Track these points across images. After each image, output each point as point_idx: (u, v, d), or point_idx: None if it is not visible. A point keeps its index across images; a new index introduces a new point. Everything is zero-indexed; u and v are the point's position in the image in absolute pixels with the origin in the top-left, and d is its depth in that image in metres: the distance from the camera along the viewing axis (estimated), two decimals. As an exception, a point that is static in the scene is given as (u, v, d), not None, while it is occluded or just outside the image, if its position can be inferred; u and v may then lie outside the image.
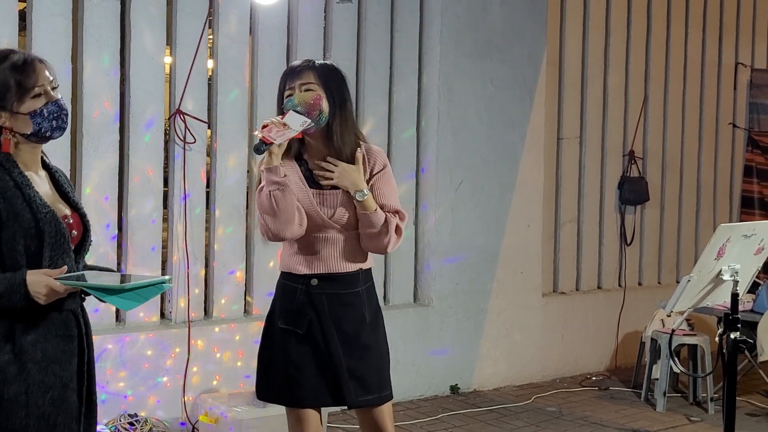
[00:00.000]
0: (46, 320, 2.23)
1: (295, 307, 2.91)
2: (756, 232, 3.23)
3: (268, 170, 2.79)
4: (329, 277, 2.92)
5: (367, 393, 2.93)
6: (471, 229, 5.64)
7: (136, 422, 4.39)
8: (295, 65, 2.98)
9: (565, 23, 6.24)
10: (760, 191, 7.30)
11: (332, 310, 2.91)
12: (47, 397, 2.23)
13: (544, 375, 6.06)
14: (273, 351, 2.95)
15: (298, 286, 2.92)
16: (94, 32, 4.42)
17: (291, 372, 2.89)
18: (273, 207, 2.78)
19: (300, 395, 2.90)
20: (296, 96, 2.87)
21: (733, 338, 3.17)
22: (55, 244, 2.23)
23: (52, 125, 2.32)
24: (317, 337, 2.90)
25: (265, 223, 2.82)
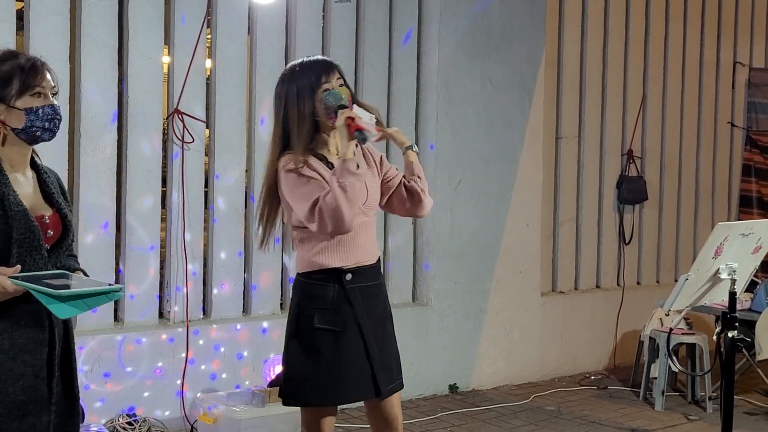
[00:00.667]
0: (14, 311, 2.24)
1: (330, 305, 2.90)
2: (754, 231, 3.23)
3: (348, 161, 2.79)
4: (360, 271, 2.94)
5: (391, 381, 3.00)
6: (470, 228, 5.64)
7: (135, 422, 4.40)
8: (323, 61, 2.97)
9: (563, 23, 6.24)
10: (758, 190, 7.30)
11: (365, 303, 2.95)
12: (18, 385, 2.24)
13: (543, 374, 6.06)
14: (309, 353, 2.91)
15: (329, 284, 2.91)
16: (92, 32, 4.42)
17: (331, 371, 2.89)
18: (351, 197, 2.76)
19: (342, 393, 2.93)
20: (340, 90, 2.89)
21: (731, 337, 3.17)
22: (23, 242, 2.25)
23: (44, 126, 2.34)
24: (354, 332, 2.92)
25: (338, 213, 2.75)
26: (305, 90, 2.88)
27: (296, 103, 2.88)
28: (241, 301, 4.96)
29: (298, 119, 2.88)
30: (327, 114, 2.88)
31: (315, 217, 2.78)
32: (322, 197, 2.78)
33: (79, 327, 4.45)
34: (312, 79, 2.88)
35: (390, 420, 3.05)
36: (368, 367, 2.93)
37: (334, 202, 2.75)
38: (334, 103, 2.86)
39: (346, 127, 2.81)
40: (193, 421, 4.59)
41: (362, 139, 2.81)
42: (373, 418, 3.08)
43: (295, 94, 2.89)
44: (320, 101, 2.87)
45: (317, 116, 2.89)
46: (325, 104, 2.87)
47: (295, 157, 2.85)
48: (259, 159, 4.98)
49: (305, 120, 2.88)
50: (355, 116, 2.84)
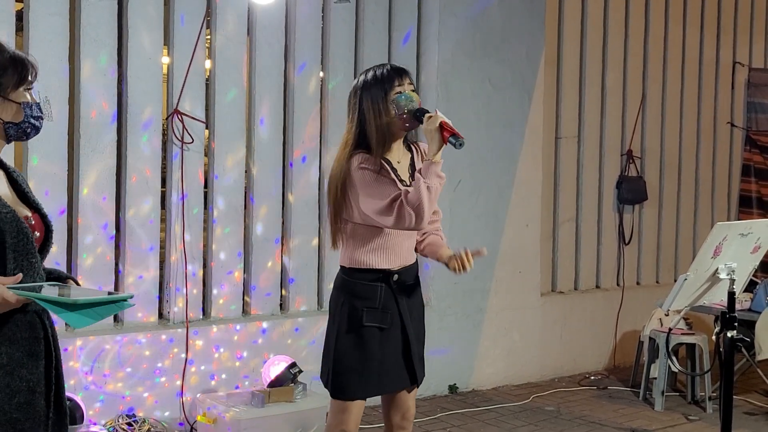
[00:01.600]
0: (10, 323, 2.15)
1: (378, 304, 3.05)
2: (753, 231, 3.23)
3: (434, 164, 2.95)
4: (405, 271, 3.12)
5: (422, 371, 3.22)
6: (469, 228, 5.64)
7: (135, 422, 4.40)
8: (398, 67, 3.08)
9: (563, 23, 6.24)
10: (758, 190, 7.30)
11: (407, 301, 3.13)
12: (14, 402, 2.15)
13: (543, 374, 6.06)
14: (359, 349, 3.06)
15: (377, 284, 3.06)
16: (92, 32, 4.42)
17: (377, 365, 3.06)
18: (433, 198, 2.96)
19: (385, 384, 3.11)
20: (413, 95, 3.03)
21: (731, 337, 3.17)
22: (17, 245, 2.15)
23: (34, 124, 2.27)
24: (397, 328, 3.09)
25: (420, 211, 2.92)
26: (379, 95, 3.01)
27: (372, 110, 3.02)
28: (240, 302, 4.96)
29: (375, 126, 3.01)
30: (399, 115, 3.00)
31: (393, 211, 2.94)
32: (404, 194, 2.94)
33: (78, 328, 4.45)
34: (385, 83, 3.02)
35: (405, 410, 3.21)
36: (408, 359, 3.11)
37: (418, 200, 2.91)
38: (405, 104, 2.98)
39: (439, 131, 2.92)
40: (192, 422, 4.59)
41: (459, 144, 2.92)
42: (389, 408, 3.22)
43: (369, 101, 3.02)
44: (392, 103, 3.00)
45: (389, 118, 3.01)
46: (396, 106, 3.00)
47: (372, 158, 3.01)
48: (259, 159, 4.98)
49: (383, 126, 3.01)
50: (446, 120, 2.94)
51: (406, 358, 3.12)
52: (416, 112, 2.98)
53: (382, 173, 3.00)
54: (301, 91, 5.08)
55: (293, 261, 5.09)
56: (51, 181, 4.34)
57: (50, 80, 4.30)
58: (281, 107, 5.06)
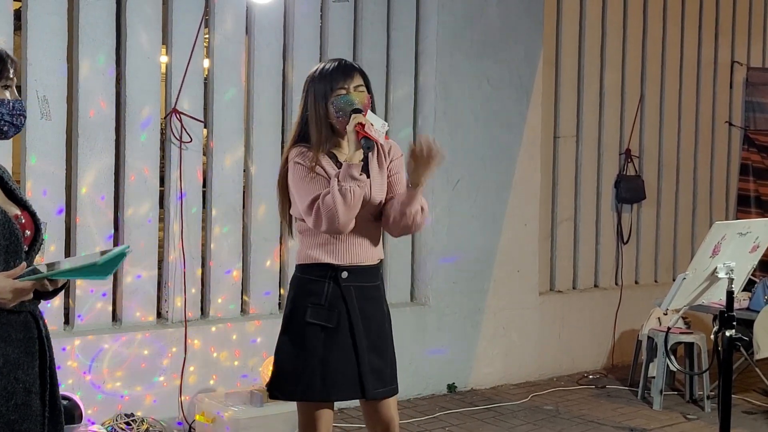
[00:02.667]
0: (6, 324, 2.14)
1: (324, 301, 2.94)
2: (751, 230, 3.24)
3: (352, 166, 2.84)
4: (357, 270, 2.97)
5: (383, 385, 3.01)
6: (468, 228, 5.64)
7: (133, 422, 4.39)
8: (345, 66, 3.00)
9: (561, 22, 6.24)
10: (756, 189, 7.30)
11: (360, 304, 2.97)
12: (11, 404, 2.14)
13: (541, 373, 6.06)
14: (299, 347, 2.95)
15: (325, 280, 2.95)
16: (90, 31, 4.42)
17: (320, 367, 2.92)
18: (349, 201, 2.82)
19: (329, 390, 2.94)
20: (355, 95, 2.94)
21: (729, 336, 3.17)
22: (9, 246, 2.12)
23: (12, 121, 2.22)
24: (345, 331, 2.94)
25: (334, 215, 2.82)
26: (321, 93, 2.96)
27: (314, 105, 2.97)
28: (239, 301, 4.96)
29: (315, 121, 2.96)
30: (338, 117, 2.94)
31: (312, 213, 2.87)
32: (322, 196, 2.85)
33: (77, 327, 4.46)
34: (328, 83, 2.96)
35: (386, 422, 3.06)
36: (356, 367, 2.95)
37: (331, 204, 2.82)
38: (344, 107, 2.92)
39: (354, 132, 2.86)
40: (191, 421, 4.58)
41: (367, 148, 2.85)
42: (369, 419, 3.10)
43: (313, 96, 2.98)
44: (332, 104, 2.94)
45: (330, 119, 2.96)
46: (335, 108, 2.94)
47: (309, 153, 2.93)
48: (258, 159, 4.98)
49: (321, 123, 2.96)
50: (366, 122, 2.87)
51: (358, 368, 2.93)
52: (350, 112, 2.91)
53: (314, 169, 2.90)
54: (299, 90, 5.04)
55: (292, 260, 5.08)
56: (49, 181, 4.33)
57: (48, 79, 4.30)
58: (280, 107, 5.06)
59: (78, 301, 4.47)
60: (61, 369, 4.31)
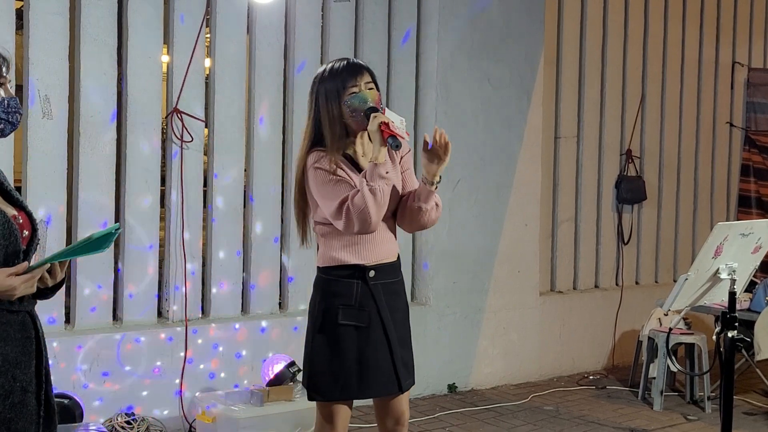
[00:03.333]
0: (5, 324, 2.15)
1: (354, 302, 2.96)
2: (753, 231, 3.23)
3: (379, 166, 2.84)
4: (382, 268, 3.01)
5: (409, 377, 3.07)
6: (468, 228, 5.64)
7: (133, 421, 4.39)
8: (353, 64, 2.99)
9: (562, 22, 6.24)
10: (757, 190, 7.30)
11: (387, 300, 3.01)
12: (7, 403, 2.14)
13: (542, 374, 6.06)
14: (334, 349, 2.96)
15: (353, 280, 2.96)
16: (92, 31, 4.42)
17: (356, 366, 2.95)
18: (380, 200, 2.84)
19: (365, 388, 2.98)
20: (367, 94, 2.93)
21: (731, 337, 3.17)
22: (9, 246, 2.12)
23: (8, 118, 2.22)
24: (377, 329, 2.98)
25: (366, 216, 2.83)
26: (333, 93, 2.94)
27: (326, 107, 2.95)
28: (239, 301, 4.96)
29: (328, 122, 2.95)
30: (352, 117, 2.93)
31: (342, 215, 2.86)
32: (350, 197, 2.85)
33: (78, 326, 4.46)
34: (339, 82, 2.94)
35: (398, 415, 3.10)
36: (391, 362, 2.99)
37: (362, 204, 2.82)
38: (359, 106, 2.91)
39: (379, 132, 2.84)
40: (191, 421, 4.58)
41: (396, 146, 2.84)
42: (382, 413, 3.12)
43: (324, 97, 2.96)
44: (345, 104, 2.93)
45: (344, 119, 2.95)
46: (349, 107, 2.92)
47: (327, 156, 2.92)
48: (258, 158, 4.98)
49: (335, 123, 2.94)
50: (389, 121, 2.85)
51: (392, 363, 2.99)
52: (366, 111, 2.89)
53: (335, 172, 2.90)
54: (300, 90, 5.07)
55: (292, 260, 5.09)
56: (50, 180, 4.33)
57: (50, 79, 4.30)
58: (281, 106, 5.06)
59: (78, 301, 4.47)
60: (62, 368, 4.31)
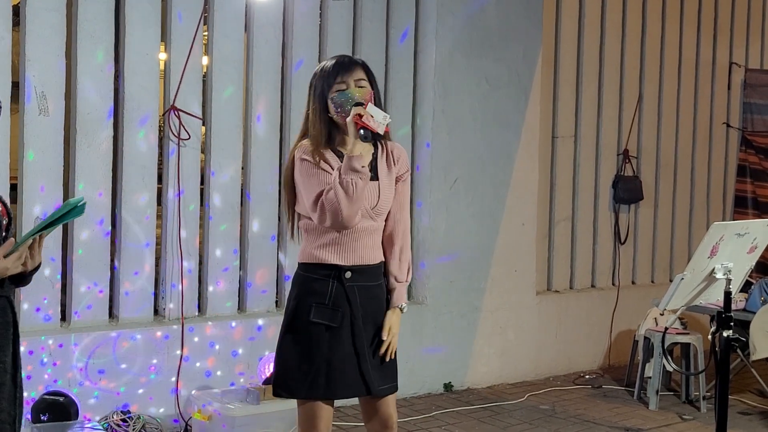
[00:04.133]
0: None
1: (328, 300, 2.94)
2: (749, 231, 3.24)
3: (353, 158, 2.83)
4: (360, 269, 2.97)
5: (385, 382, 3.03)
6: (465, 227, 5.64)
7: (129, 419, 4.39)
8: (344, 60, 3.00)
9: (560, 22, 6.25)
10: (753, 191, 7.31)
11: (363, 303, 2.98)
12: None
13: (538, 373, 6.07)
14: (304, 346, 2.95)
15: (329, 279, 2.95)
16: (89, 28, 4.41)
17: (324, 366, 2.93)
18: (352, 194, 2.82)
19: (333, 388, 2.95)
20: (355, 90, 2.93)
21: (726, 337, 3.18)
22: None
23: None
24: (348, 330, 2.95)
25: (337, 210, 2.82)
26: (321, 89, 2.96)
27: (315, 102, 2.97)
28: (236, 299, 4.95)
29: (316, 117, 2.96)
30: (338, 113, 2.93)
31: (317, 209, 2.87)
32: (326, 191, 2.85)
33: (74, 323, 4.45)
34: (328, 78, 2.95)
35: (384, 419, 3.07)
36: (361, 364, 2.96)
37: (334, 198, 2.82)
38: (344, 103, 2.91)
39: (353, 123, 2.86)
40: (187, 419, 4.58)
41: (364, 138, 2.84)
42: (368, 417, 3.11)
43: (314, 93, 2.98)
44: (331, 101, 2.93)
45: (330, 114, 2.95)
46: (335, 104, 2.93)
47: (312, 149, 2.93)
48: (256, 156, 4.98)
49: (319, 118, 2.95)
50: (365, 114, 2.85)
51: (362, 365, 2.96)
52: (350, 106, 2.89)
53: (320, 165, 2.90)
54: (298, 88, 5.07)
55: (289, 258, 5.09)
56: (47, 176, 4.33)
57: (47, 76, 4.29)
58: (278, 104, 5.06)
59: (75, 298, 4.46)
60: (58, 365, 4.30)
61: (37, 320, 4.34)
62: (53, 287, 4.37)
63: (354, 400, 3.38)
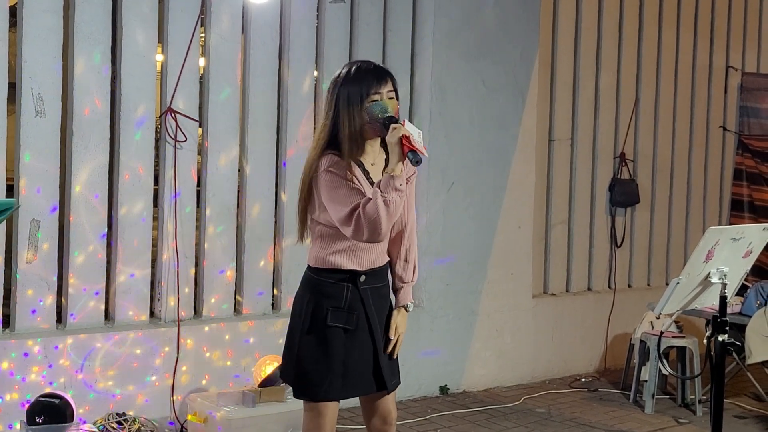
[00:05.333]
0: None
1: (344, 304, 2.98)
2: (745, 236, 3.25)
3: (395, 178, 2.81)
4: (372, 272, 3.04)
5: (394, 377, 3.12)
6: (462, 229, 5.65)
7: (125, 421, 4.38)
8: (379, 70, 2.97)
9: (557, 25, 6.25)
10: (749, 194, 7.32)
11: (375, 303, 3.05)
12: None
13: (534, 376, 6.07)
14: (322, 349, 2.98)
15: (344, 283, 2.99)
16: (85, 29, 4.41)
17: (340, 368, 2.98)
18: (393, 212, 2.82)
19: (348, 388, 3.02)
20: (388, 103, 2.91)
21: (722, 341, 3.18)
22: None
23: None
24: (364, 331, 3.02)
25: (377, 225, 2.81)
26: (355, 97, 2.91)
27: (347, 111, 2.92)
28: (232, 301, 4.95)
29: (348, 128, 2.91)
30: (369, 124, 2.91)
31: (352, 222, 2.85)
32: (362, 205, 2.82)
33: (69, 325, 4.44)
34: (363, 86, 2.91)
35: (385, 414, 3.13)
36: (376, 363, 3.04)
37: (374, 213, 2.80)
38: (379, 114, 2.88)
39: (399, 145, 2.82)
40: (183, 421, 4.58)
41: (416, 162, 2.82)
42: (369, 413, 3.16)
43: (346, 99, 2.92)
44: (366, 110, 2.90)
45: (363, 124, 2.92)
46: (369, 114, 2.90)
47: (342, 161, 2.91)
48: (252, 158, 4.98)
49: (355, 130, 2.91)
50: (409, 135, 2.81)
51: (374, 363, 3.03)
52: (385, 121, 2.87)
53: (349, 178, 2.90)
54: (294, 90, 5.07)
55: (286, 261, 5.08)
56: (43, 178, 4.32)
57: (43, 77, 4.29)
58: (275, 106, 5.06)
59: (70, 300, 4.45)
60: (53, 367, 4.30)
61: (33, 322, 4.33)
62: (48, 289, 4.36)
63: (351, 402, 3.41)
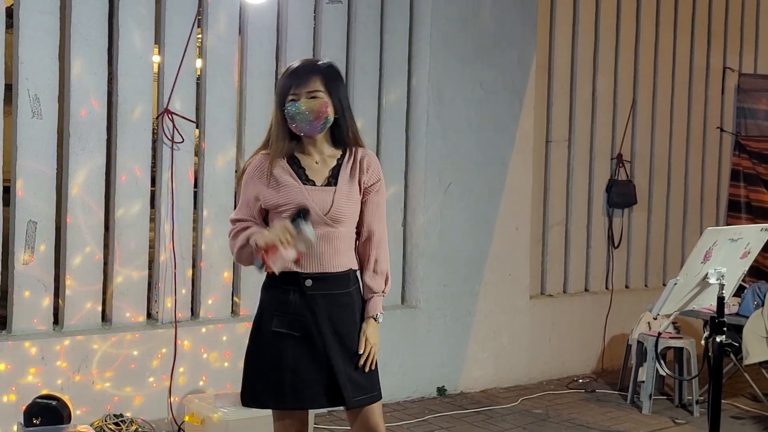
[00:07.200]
0: None
1: (290, 309, 2.88)
2: (742, 236, 3.25)
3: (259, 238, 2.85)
4: (323, 277, 2.90)
5: (361, 393, 2.93)
6: (459, 231, 5.65)
7: (122, 422, 4.38)
8: (300, 69, 2.93)
9: (554, 27, 6.26)
10: (746, 195, 7.33)
11: (328, 311, 2.90)
12: None
13: (531, 377, 6.07)
14: (265, 355, 2.91)
15: (290, 287, 2.90)
16: (82, 30, 4.40)
17: (287, 375, 2.88)
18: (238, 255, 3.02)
19: (301, 398, 2.90)
20: (303, 103, 2.87)
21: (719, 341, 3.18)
22: None
23: None
24: (314, 339, 2.88)
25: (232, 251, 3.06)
26: (278, 97, 2.95)
27: (275, 109, 2.97)
28: (229, 302, 4.94)
29: (274, 124, 2.98)
30: (291, 124, 2.91)
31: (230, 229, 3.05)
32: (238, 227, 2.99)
33: (66, 327, 4.44)
34: (285, 87, 2.93)
35: (370, 428, 2.99)
36: (331, 375, 2.89)
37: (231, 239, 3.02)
38: (295, 116, 2.88)
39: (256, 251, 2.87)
40: (180, 423, 4.57)
41: (258, 268, 2.87)
42: (355, 426, 3.03)
43: (275, 99, 3.00)
44: (285, 111, 2.91)
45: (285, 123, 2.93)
46: (288, 115, 2.90)
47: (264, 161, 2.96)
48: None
49: (278, 126, 2.95)
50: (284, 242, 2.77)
51: (329, 375, 2.87)
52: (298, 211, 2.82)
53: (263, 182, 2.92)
54: (292, 91, 5.07)
55: (283, 262, 5.07)
56: (40, 180, 4.31)
57: (40, 78, 4.28)
58: (272, 108, 5.04)
59: (67, 302, 4.45)
60: (50, 369, 4.29)
61: (30, 324, 4.32)
62: (45, 290, 4.35)
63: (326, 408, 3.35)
